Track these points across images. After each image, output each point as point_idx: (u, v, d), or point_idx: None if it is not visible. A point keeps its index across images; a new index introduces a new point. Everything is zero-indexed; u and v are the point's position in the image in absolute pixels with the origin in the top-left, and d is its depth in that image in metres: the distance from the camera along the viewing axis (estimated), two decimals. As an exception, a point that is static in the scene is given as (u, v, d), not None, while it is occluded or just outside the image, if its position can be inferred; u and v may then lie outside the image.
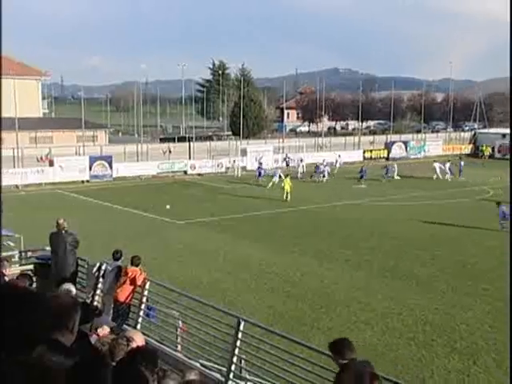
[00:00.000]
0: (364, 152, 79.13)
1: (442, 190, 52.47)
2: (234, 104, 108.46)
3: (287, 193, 44.72)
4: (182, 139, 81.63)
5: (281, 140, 77.40)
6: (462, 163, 63.04)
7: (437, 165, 61.62)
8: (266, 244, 31.26)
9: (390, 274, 26.13)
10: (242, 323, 12.31)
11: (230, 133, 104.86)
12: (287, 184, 45.24)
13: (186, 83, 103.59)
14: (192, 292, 17.42)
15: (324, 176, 57.64)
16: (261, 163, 59.45)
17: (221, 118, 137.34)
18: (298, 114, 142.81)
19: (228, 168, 63.67)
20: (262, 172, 56.81)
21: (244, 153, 65.01)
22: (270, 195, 47.56)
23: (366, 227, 35.80)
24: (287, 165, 65.91)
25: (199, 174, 62.39)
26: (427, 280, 25.25)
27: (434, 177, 60.68)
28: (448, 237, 33.61)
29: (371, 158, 78.74)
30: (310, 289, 23.74)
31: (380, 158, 78.97)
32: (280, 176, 52.62)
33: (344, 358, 8.17)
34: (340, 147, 77.42)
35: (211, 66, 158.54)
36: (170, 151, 64.83)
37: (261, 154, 64.33)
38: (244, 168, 63.68)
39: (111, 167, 57.57)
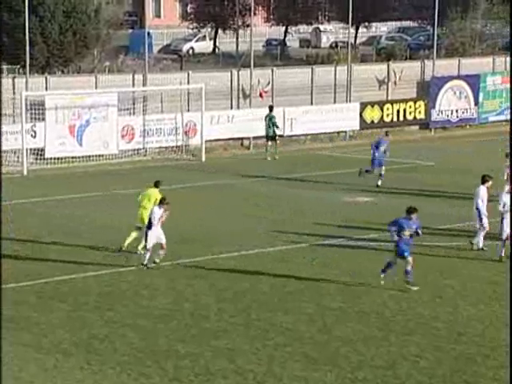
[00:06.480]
0: (363, 108, 39.74)
1: None
2: None
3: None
4: None
5: (140, 77, 36.69)
6: None
7: None
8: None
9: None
10: None
11: None
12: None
13: None
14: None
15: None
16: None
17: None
18: (185, 5, 72.04)
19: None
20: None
21: (38, 109, 33.48)
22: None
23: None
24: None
25: None
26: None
27: None
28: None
29: (381, 123, 39.89)
30: None
31: (404, 121, 40.46)
32: None
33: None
34: (301, 93, 38.27)
35: None
36: None
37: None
38: (39, 153, 33.36)
39: None
